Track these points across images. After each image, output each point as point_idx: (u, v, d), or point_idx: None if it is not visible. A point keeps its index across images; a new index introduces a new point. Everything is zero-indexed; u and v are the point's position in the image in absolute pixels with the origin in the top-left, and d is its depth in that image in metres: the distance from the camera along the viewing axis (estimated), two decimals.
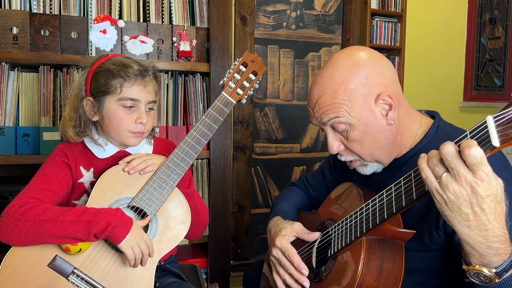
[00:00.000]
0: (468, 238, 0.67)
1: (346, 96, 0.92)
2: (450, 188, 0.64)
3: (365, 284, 0.83)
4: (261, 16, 2.36)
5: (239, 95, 1.13)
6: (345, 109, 0.93)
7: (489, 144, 0.61)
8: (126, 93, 1.07)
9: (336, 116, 0.94)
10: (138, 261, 1.00)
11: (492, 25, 3.01)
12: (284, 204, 1.25)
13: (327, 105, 0.94)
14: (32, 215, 0.95)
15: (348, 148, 0.98)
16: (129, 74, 1.07)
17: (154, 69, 1.15)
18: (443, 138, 0.94)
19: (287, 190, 1.35)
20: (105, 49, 1.65)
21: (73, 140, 1.12)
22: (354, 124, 0.93)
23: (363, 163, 1.00)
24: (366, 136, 0.95)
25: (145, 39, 1.69)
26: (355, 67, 0.93)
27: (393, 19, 2.60)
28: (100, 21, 1.62)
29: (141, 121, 1.09)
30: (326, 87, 0.95)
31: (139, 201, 1.06)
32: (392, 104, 0.92)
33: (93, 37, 1.63)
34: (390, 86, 0.94)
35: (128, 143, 1.13)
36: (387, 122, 0.94)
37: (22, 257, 0.99)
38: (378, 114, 0.93)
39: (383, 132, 0.95)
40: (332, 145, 0.99)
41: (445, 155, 0.64)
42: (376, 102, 0.93)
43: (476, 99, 2.98)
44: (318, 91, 0.96)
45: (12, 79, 1.56)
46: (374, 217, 0.85)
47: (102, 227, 0.96)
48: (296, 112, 2.48)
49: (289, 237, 1.05)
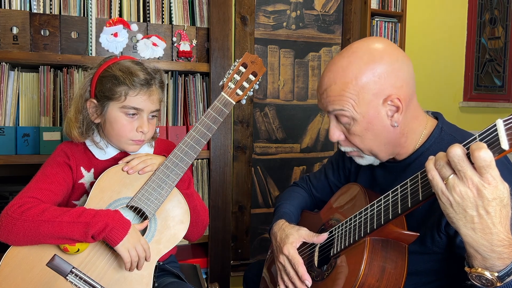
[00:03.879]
0: (472, 241, 0.67)
1: (356, 91, 0.92)
2: (457, 189, 0.64)
3: (367, 284, 0.84)
4: (261, 16, 2.36)
5: (239, 95, 1.13)
6: (351, 104, 0.92)
7: (498, 147, 0.61)
8: (130, 101, 1.07)
9: (341, 108, 0.94)
10: (134, 264, 1.00)
11: (492, 25, 3.01)
12: (288, 206, 1.24)
13: (335, 95, 0.94)
14: (30, 215, 0.95)
15: (348, 139, 0.99)
16: (134, 83, 1.06)
17: (161, 77, 1.14)
18: (446, 140, 0.95)
19: (289, 191, 1.35)
20: (114, 51, 1.65)
21: (77, 140, 1.12)
22: (357, 119, 0.93)
23: (361, 154, 1.01)
24: (368, 133, 0.95)
25: (157, 42, 1.68)
26: (371, 63, 0.91)
27: (393, 19, 2.60)
28: (113, 25, 1.62)
29: (142, 130, 1.09)
30: (337, 77, 0.94)
31: (138, 201, 1.06)
32: (400, 107, 0.91)
33: (103, 39, 1.63)
34: (403, 88, 0.92)
35: (128, 150, 1.13)
36: (391, 123, 0.93)
37: (20, 256, 0.99)
38: (384, 114, 0.93)
39: (386, 132, 0.94)
40: (333, 133, 1.00)
41: (452, 157, 0.64)
42: (384, 102, 0.92)
43: (476, 99, 2.97)
44: (330, 79, 0.95)
45: (12, 79, 1.56)
46: (378, 217, 0.85)
47: (99, 229, 0.96)
48: (296, 112, 2.48)
49: (296, 244, 1.05)
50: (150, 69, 1.12)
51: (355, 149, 1.00)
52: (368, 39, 0.98)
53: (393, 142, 0.96)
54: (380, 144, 0.96)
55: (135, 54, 1.68)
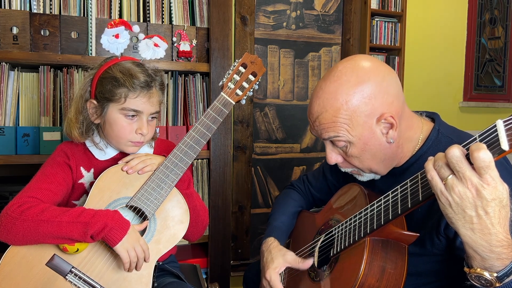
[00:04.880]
0: (471, 241, 0.67)
1: (348, 115, 0.91)
2: (456, 189, 0.64)
3: (367, 285, 0.84)
4: (261, 16, 2.37)
5: (238, 95, 1.13)
6: (345, 128, 0.92)
7: (498, 147, 0.62)
8: (129, 104, 1.07)
9: (336, 135, 0.93)
10: (133, 265, 1.00)
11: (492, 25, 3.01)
12: (280, 217, 1.24)
13: (327, 122, 0.93)
14: (30, 215, 0.95)
15: (347, 161, 0.99)
16: (134, 85, 1.06)
17: (162, 79, 1.14)
18: (444, 142, 0.95)
19: (284, 195, 1.35)
20: (115, 53, 1.65)
21: (77, 141, 1.12)
22: (353, 142, 0.93)
23: (361, 173, 1.02)
24: (365, 153, 0.95)
25: (159, 42, 1.67)
26: (359, 84, 0.90)
27: (393, 19, 2.60)
28: (114, 26, 1.61)
29: (141, 132, 1.09)
30: (327, 104, 0.92)
31: (137, 201, 1.06)
32: (394, 124, 0.91)
33: (104, 41, 1.62)
34: (393, 104, 0.91)
35: (127, 151, 1.13)
36: (386, 140, 0.93)
37: (20, 256, 0.99)
38: (379, 133, 0.93)
39: (383, 149, 0.95)
40: (331, 157, 1.00)
41: (450, 158, 0.64)
42: (378, 122, 0.91)
43: (476, 99, 2.98)
44: (320, 106, 0.94)
45: (12, 79, 1.56)
46: (378, 217, 0.85)
47: (98, 229, 0.96)
48: (296, 112, 2.48)
49: (279, 269, 1.07)
50: (150, 71, 1.11)
51: (355, 169, 1.01)
52: (351, 59, 0.96)
53: (391, 156, 0.97)
54: (379, 161, 0.97)
55: (136, 55, 1.68)
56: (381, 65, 0.94)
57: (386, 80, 0.91)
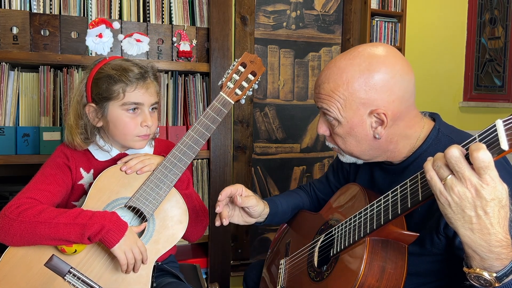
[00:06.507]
0: (470, 241, 0.67)
1: (344, 96, 0.92)
2: (455, 189, 0.64)
3: (367, 284, 0.83)
4: (261, 16, 2.36)
5: (238, 95, 1.13)
6: (337, 107, 0.93)
7: (498, 147, 0.61)
8: (129, 97, 1.07)
9: (327, 109, 0.95)
10: (130, 267, 1.00)
11: (492, 25, 3.01)
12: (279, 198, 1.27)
13: (325, 94, 0.95)
14: (27, 216, 0.95)
15: (332, 137, 1.01)
16: (130, 78, 1.06)
17: (154, 69, 1.14)
18: (444, 141, 0.94)
19: (289, 191, 1.39)
20: (102, 53, 1.64)
21: (80, 148, 1.11)
22: (341, 122, 0.95)
23: (342, 153, 1.03)
24: (350, 137, 0.96)
25: (140, 37, 1.67)
26: (367, 72, 0.90)
27: (393, 19, 2.59)
28: (95, 26, 1.61)
29: (146, 124, 1.09)
30: (331, 78, 0.94)
31: (136, 201, 1.06)
32: (385, 122, 0.91)
33: (89, 42, 1.62)
34: (394, 103, 0.91)
35: (135, 147, 1.13)
36: (373, 134, 0.94)
37: (18, 256, 0.99)
38: (368, 124, 0.93)
39: (368, 141, 0.95)
40: (320, 127, 1.02)
41: (449, 158, 0.64)
42: (371, 114, 0.92)
43: (476, 99, 2.97)
44: (326, 77, 0.95)
45: (12, 79, 1.56)
46: (378, 217, 0.85)
47: (96, 231, 0.95)
48: (296, 112, 2.48)
49: None
50: (141, 64, 1.12)
51: (337, 148, 1.02)
52: (375, 44, 0.95)
53: (378, 149, 0.97)
54: (362, 149, 0.97)
55: (122, 54, 1.68)
56: (400, 63, 0.92)
57: (395, 78, 0.90)
